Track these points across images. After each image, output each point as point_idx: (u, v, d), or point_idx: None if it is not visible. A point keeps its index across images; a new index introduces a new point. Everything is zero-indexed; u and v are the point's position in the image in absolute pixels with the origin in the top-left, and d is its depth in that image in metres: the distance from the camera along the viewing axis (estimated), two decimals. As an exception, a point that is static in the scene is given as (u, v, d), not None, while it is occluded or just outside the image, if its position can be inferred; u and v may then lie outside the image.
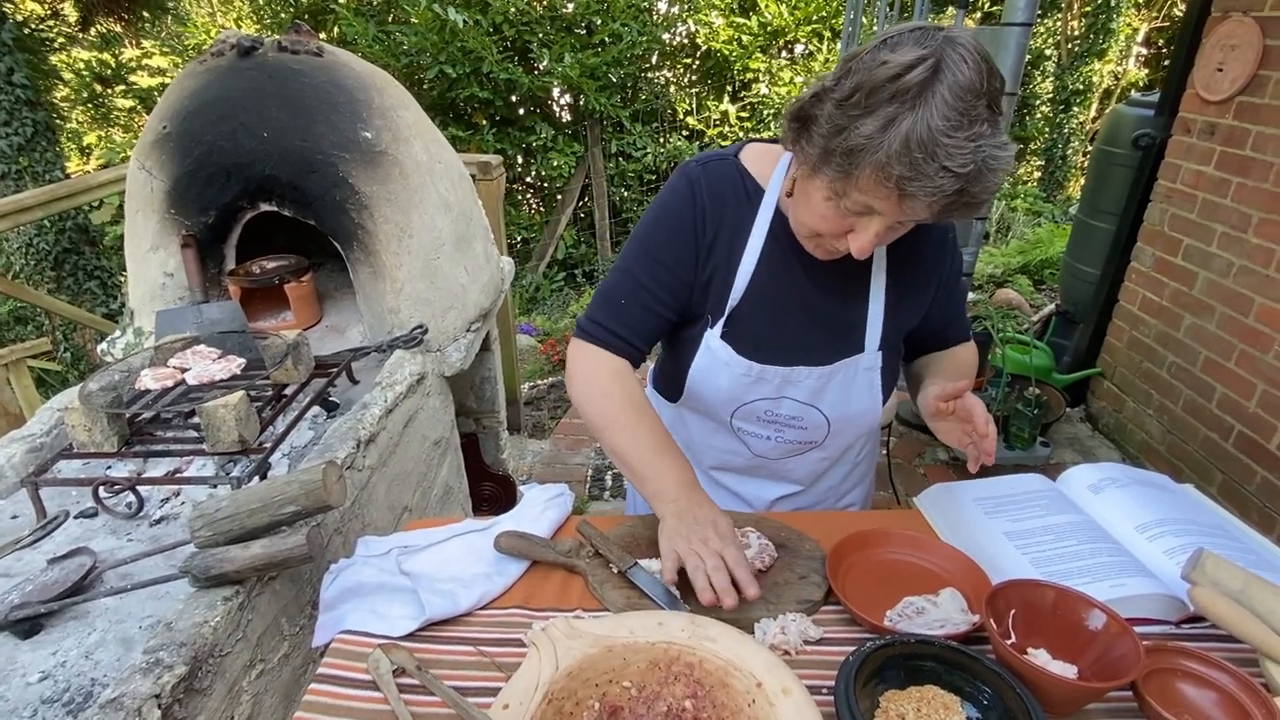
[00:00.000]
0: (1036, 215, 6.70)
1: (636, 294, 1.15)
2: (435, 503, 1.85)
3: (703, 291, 1.15)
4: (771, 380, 1.15)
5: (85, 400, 1.31)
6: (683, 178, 1.14)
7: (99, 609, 1.05)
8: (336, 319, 1.99)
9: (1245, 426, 2.64)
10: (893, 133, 0.81)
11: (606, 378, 1.14)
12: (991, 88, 0.82)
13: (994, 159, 0.82)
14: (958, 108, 0.80)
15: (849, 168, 0.86)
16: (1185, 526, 1.05)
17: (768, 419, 1.21)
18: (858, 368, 1.16)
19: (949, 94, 0.80)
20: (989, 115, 0.82)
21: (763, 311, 1.14)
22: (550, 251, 6.23)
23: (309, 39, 1.84)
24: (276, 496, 1.01)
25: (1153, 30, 7.60)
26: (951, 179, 0.81)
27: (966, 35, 0.83)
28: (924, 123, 0.80)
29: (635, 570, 1.01)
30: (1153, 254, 3.10)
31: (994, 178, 0.83)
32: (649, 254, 1.14)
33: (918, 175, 0.82)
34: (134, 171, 1.80)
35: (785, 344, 1.15)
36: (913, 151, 0.81)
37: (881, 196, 0.87)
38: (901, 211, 0.88)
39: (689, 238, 1.12)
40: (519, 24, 5.56)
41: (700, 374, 1.18)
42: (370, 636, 0.95)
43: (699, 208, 1.11)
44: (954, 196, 0.84)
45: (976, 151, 0.81)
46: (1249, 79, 2.59)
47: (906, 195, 0.84)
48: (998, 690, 0.78)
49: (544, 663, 0.78)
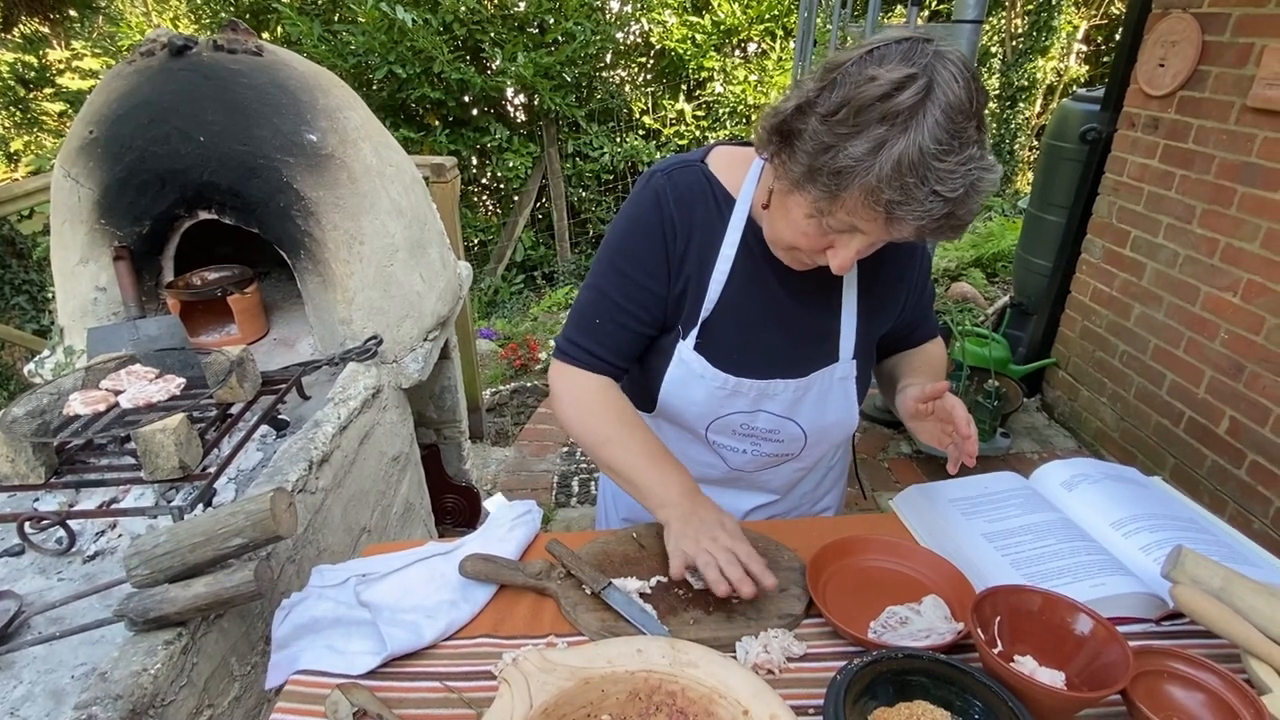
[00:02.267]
0: (987, 209, 6.85)
1: (611, 312, 1.11)
2: (396, 521, 1.78)
3: (676, 303, 1.11)
4: (747, 394, 1.12)
5: (7, 428, 1.20)
6: (648, 189, 1.09)
7: (26, 658, 0.96)
8: (285, 331, 1.90)
9: (1195, 412, 2.72)
10: (884, 156, 0.78)
11: (591, 396, 1.12)
12: (979, 106, 0.80)
13: (981, 180, 0.80)
14: (949, 129, 0.77)
15: (835, 189, 0.83)
16: (1160, 522, 1.05)
17: (744, 432, 1.17)
18: (833, 378, 1.14)
19: (941, 116, 0.77)
20: (978, 136, 0.80)
21: (736, 323, 1.10)
22: (509, 254, 6.13)
23: (246, 37, 1.74)
24: (220, 529, 0.94)
25: (1092, 28, 7.83)
26: (941, 203, 0.79)
27: (955, 51, 0.80)
28: (915, 146, 0.77)
29: (609, 591, 0.97)
30: (1102, 246, 3.17)
31: (980, 199, 0.81)
32: (619, 270, 1.10)
33: (908, 199, 0.79)
34: (59, 179, 1.68)
35: (760, 356, 1.12)
36: (904, 176, 0.77)
37: (868, 218, 0.84)
38: (887, 233, 0.86)
39: (659, 251, 1.08)
40: (470, 23, 5.44)
41: (674, 387, 1.15)
42: (328, 676, 0.88)
43: (667, 219, 1.07)
44: (942, 220, 0.81)
45: (967, 175, 0.78)
46: (1189, 74, 2.66)
47: (894, 219, 0.81)
48: (989, 704, 0.75)
49: (516, 701, 0.73)
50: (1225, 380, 2.57)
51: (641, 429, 1.10)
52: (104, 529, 1.21)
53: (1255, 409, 2.45)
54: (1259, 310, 2.43)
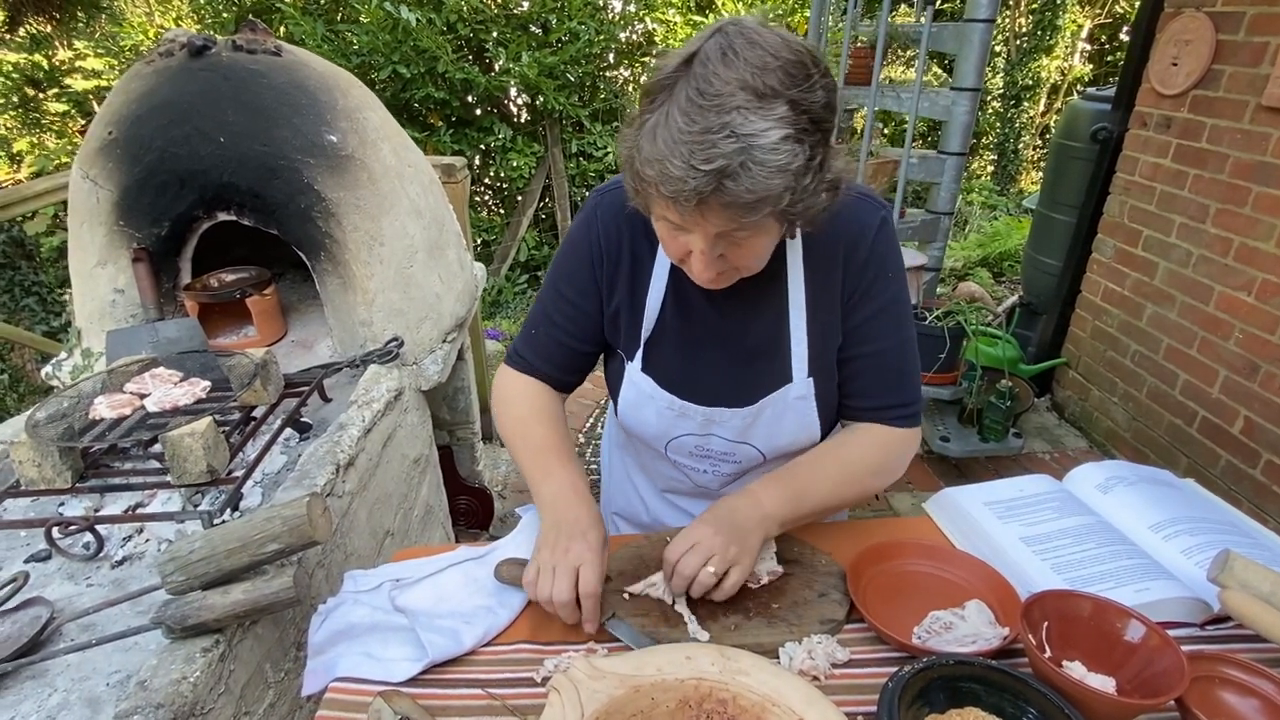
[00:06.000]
0: (992, 209, 6.85)
1: (546, 327, 1.13)
2: (417, 524, 1.77)
3: (612, 325, 1.11)
4: (694, 417, 1.10)
5: (33, 432, 1.20)
6: (584, 210, 1.10)
7: (59, 665, 0.95)
8: (302, 333, 1.89)
9: (1208, 412, 2.71)
10: (644, 135, 0.78)
11: (513, 395, 1.15)
12: (761, 76, 0.74)
13: (752, 149, 0.73)
14: (701, 101, 0.74)
15: (635, 182, 0.83)
16: (1198, 525, 1.04)
17: (699, 453, 1.16)
18: (787, 399, 1.07)
19: (693, 89, 0.74)
20: (757, 104, 0.74)
21: (675, 347, 1.09)
22: (512, 254, 6.12)
23: (265, 37, 1.73)
24: (257, 535, 0.93)
25: (1096, 27, 7.84)
26: (702, 176, 0.74)
27: (750, 21, 0.78)
28: (665, 120, 0.76)
29: (613, 622, 0.94)
30: (1113, 245, 3.17)
31: (763, 171, 0.74)
32: (555, 287, 1.12)
33: (665, 176, 0.76)
34: (77, 181, 1.67)
35: (704, 382, 1.09)
36: (659, 149, 0.76)
37: (665, 207, 0.81)
38: (687, 220, 0.81)
39: (588, 273, 1.09)
40: (473, 22, 5.43)
41: (628, 407, 1.14)
42: (367, 683, 0.88)
43: (594, 241, 1.07)
44: (713, 195, 0.75)
45: (725, 144, 0.73)
46: (1203, 73, 2.65)
47: (671, 199, 0.78)
48: (1043, 711, 0.75)
49: (568, 709, 0.72)
50: (1240, 380, 2.56)
51: (545, 425, 1.09)
52: (131, 534, 1.21)
53: (1270, 408, 2.45)
54: (1274, 310, 2.42)
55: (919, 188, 3.82)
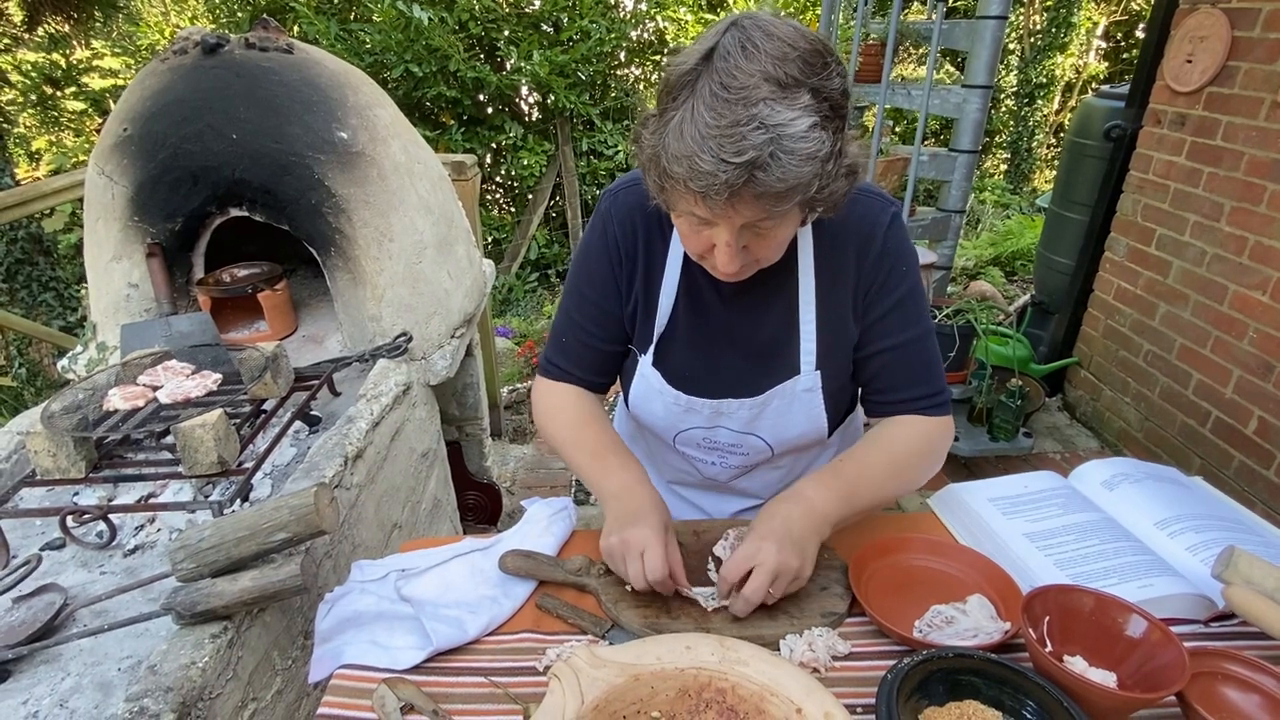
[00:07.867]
0: (1005, 207, 6.80)
1: (575, 332, 1.15)
2: (424, 517, 1.78)
3: (630, 322, 1.13)
4: (701, 411, 1.12)
5: (48, 423, 1.22)
6: (597, 212, 1.11)
7: (72, 650, 0.97)
8: (313, 328, 1.91)
9: (1222, 412, 2.69)
10: (670, 131, 0.78)
11: (557, 403, 1.17)
12: (782, 67, 0.75)
13: (781, 140, 0.74)
14: (726, 95, 0.74)
15: (660, 180, 0.83)
16: (1204, 522, 1.04)
17: (707, 445, 1.18)
18: (794, 391, 1.09)
19: (720, 79, 0.75)
20: (781, 95, 0.75)
21: (686, 343, 1.10)
22: (523, 252, 6.14)
23: (278, 35, 1.75)
24: (265, 524, 0.94)
25: (1111, 24, 7.76)
26: (733, 169, 0.74)
27: (762, 14, 0.79)
28: (691, 115, 0.76)
29: (614, 633, 0.94)
30: (1126, 244, 3.14)
31: (793, 160, 0.75)
32: (580, 292, 1.14)
33: (695, 172, 0.76)
34: (93, 177, 1.69)
35: (713, 375, 1.11)
36: (687, 145, 0.76)
37: (692, 202, 0.82)
38: (714, 212, 0.82)
39: (608, 273, 1.10)
40: (485, 21, 5.45)
41: (638, 399, 1.17)
42: (372, 670, 0.89)
43: (611, 242, 1.09)
44: (745, 187, 0.76)
45: (754, 135, 0.74)
46: (1218, 70, 2.62)
47: (700, 193, 0.78)
48: (1043, 704, 0.75)
49: (568, 696, 0.73)
50: (1254, 380, 2.54)
51: (594, 426, 1.12)
52: (143, 523, 1.23)
53: (1285, 409, 2.42)
54: (1289, 309, 2.40)
55: (930, 186, 3.80)
